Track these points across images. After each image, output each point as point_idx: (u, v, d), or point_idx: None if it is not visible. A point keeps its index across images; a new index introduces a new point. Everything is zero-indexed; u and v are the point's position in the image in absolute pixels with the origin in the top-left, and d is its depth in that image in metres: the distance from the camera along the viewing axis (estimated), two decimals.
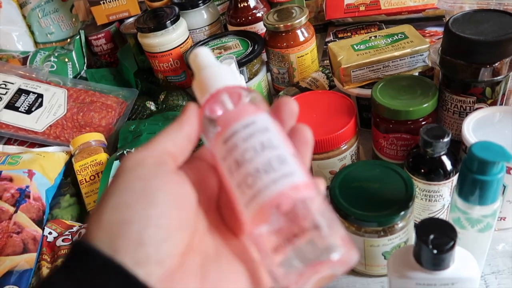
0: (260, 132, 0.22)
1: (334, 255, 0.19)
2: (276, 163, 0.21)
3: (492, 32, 0.43)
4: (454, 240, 0.30)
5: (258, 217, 0.21)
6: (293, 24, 0.65)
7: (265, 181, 0.21)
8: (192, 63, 0.25)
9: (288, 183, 0.21)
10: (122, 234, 0.19)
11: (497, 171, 0.32)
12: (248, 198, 0.21)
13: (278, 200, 0.20)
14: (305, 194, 0.21)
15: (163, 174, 0.21)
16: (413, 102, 0.48)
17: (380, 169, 0.43)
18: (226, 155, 0.22)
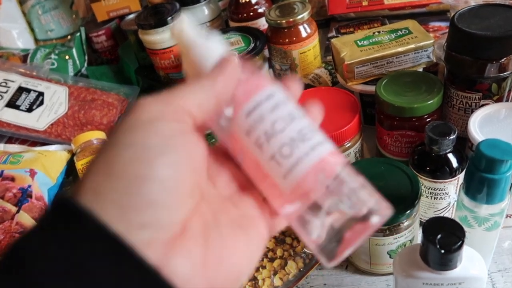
0: (283, 102, 0.22)
1: (375, 217, 0.20)
2: (309, 131, 0.21)
3: (499, 27, 0.42)
4: (462, 239, 0.30)
5: (300, 187, 0.20)
6: (296, 20, 0.65)
7: (303, 149, 0.20)
8: (178, 40, 0.24)
9: (326, 150, 0.21)
10: (134, 191, 0.17)
11: (505, 169, 0.32)
12: (287, 168, 0.20)
13: (321, 166, 0.20)
14: (341, 159, 0.21)
15: (183, 133, 0.19)
16: (418, 99, 0.47)
17: (385, 166, 0.43)
18: (251, 128, 0.21)
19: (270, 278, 0.43)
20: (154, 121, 0.19)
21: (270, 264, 0.43)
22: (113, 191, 0.17)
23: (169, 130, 0.19)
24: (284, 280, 0.43)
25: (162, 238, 0.17)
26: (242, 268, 0.20)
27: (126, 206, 0.17)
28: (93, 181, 0.17)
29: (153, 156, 0.18)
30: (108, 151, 0.18)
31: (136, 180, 0.17)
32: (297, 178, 0.20)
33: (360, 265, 0.45)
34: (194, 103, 0.20)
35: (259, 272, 0.43)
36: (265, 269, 0.43)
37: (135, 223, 0.17)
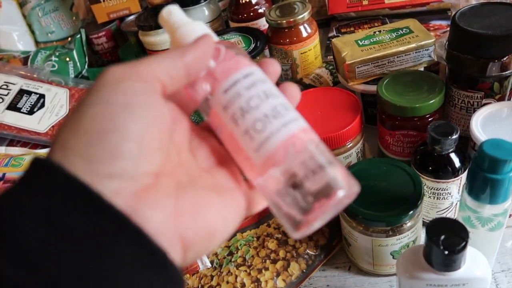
0: (260, 81, 0.23)
1: (340, 191, 0.21)
2: (282, 109, 0.22)
3: (500, 26, 0.42)
4: (466, 240, 0.30)
5: (270, 160, 0.21)
6: (296, 19, 0.65)
7: (275, 125, 0.22)
8: (166, 22, 0.25)
9: (297, 126, 0.22)
10: (99, 144, 0.18)
11: (508, 169, 0.32)
12: (259, 142, 0.22)
13: (291, 141, 0.22)
14: (312, 136, 0.23)
15: (148, 93, 0.20)
16: (420, 98, 0.47)
17: (387, 167, 0.43)
18: (228, 104, 0.22)
19: (273, 280, 0.42)
20: (119, 81, 0.19)
21: (272, 265, 0.43)
22: (79, 145, 0.18)
23: (133, 89, 0.19)
24: (287, 282, 0.43)
25: (130, 187, 0.18)
26: (215, 227, 0.21)
27: (92, 158, 0.18)
28: (61, 138, 0.18)
29: (116, 111, 0.19)
30: (76, 109, 0.19)
31: (100, 134, 0.18)
32: (268, 151, 0.22)
33: (363, 266, 0.44)
34: (161, 69, 0.21)
35: (261, 274, 0.43)
36: (267, 270, 0.43)
37: (101, 173, 0.18)
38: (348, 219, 0.41)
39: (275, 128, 0.22)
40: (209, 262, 0.45)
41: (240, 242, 0.46)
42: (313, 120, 0.52)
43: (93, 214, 0.17)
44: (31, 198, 0.17)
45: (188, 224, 0.20)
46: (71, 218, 0.17)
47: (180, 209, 0.20)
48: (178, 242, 0.19)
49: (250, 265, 0.44)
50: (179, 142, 0.23)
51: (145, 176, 0.19)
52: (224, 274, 0.44)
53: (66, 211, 0.17)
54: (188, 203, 0.20)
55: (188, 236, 0.20)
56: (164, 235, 0.18)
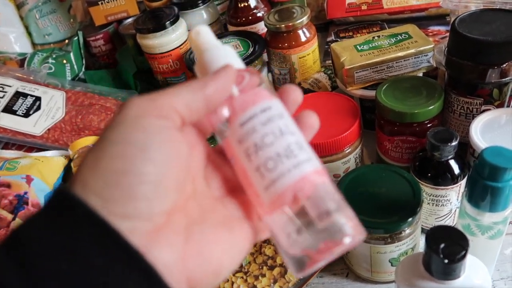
0: (277, 117, 0.23)
1: (347, 239, 0.20)
2: (296, 148, 0.22)
3: (500, 32, 0.42)
4: (466, 249, 0.30)
5: (278, 201, 0.21)
6: (295, 24, 0.64)
7: (286, 165, 0.21)
8: (193, 42, 0.25)
9: (309, 168, 0.22)
10: (116, 185, 0.18)
11: (509, 177, 0.31)
12: (269, 181, 0.21)
13: (301, 184, 0.21)
14: (323, 179, 0.22)
15: (167, 129, 0.20)
16: (419, 104, 0.47)
17: (386, 173, 0.42)
18: (243, 138, 0.22)
19: (269, 287, 0.42)
20: (139, 118, 0.20)
21: (269, 272, 0.43)
22: (97, 185, 0.18)
23: (152, 126, 0.20)
24: None
25: (143, 228, 0.19)
26: (223, 263, 0.21)
27: (108, 198, 0.18)
28: (82, 174, 0.19)
29: (135, 152, 0.19)
30: (97, 146, 0.19)
31: (117, 175, 0.18)
32: (277, 192, 0.21)
33: (361, 273, 0.44)
34: (181, 102, 0.21)
35: (258, 281, 0.42)
36: (264, 277, 0.42)
37: (117, 213, 0.18)
38: None
39: (286, 168, 0.21)
40: None
41: None
42: None
43: (111, 250, 0.18)
44: (51, 231, 0.18)
45: (196, 265, 0.20)
46: (89, 252, 0.17)
47: (188, 249, 0.20)
48: (185, 282, 0.20)
49: (246, 272, 0.43)
50: (195, 170, 0.23)
51: (159, 216, 0.19)
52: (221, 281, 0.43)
53: (85, 245, 0.17)
54: (195, 242, 0.21)
55: (195, 276, 0.20)
56: (172, 275, 0.19)
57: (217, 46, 0.24)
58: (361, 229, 0.21)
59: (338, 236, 0.20)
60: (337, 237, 0.20)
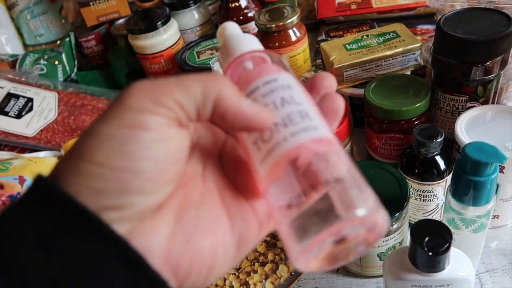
0: (281, 88, 0.21)
1: (358, 212, 0.17)
2: (297, 117, 0.20)
3: (484, 31, 0.43)
4: (449, 242, 0.31)
5: (273, 172, 0.19)
6: (285, 24, 0.65)
7: (283, 134, 0.19)
8: (220, 36, 0.25)
9: (309, 136, 0.19)
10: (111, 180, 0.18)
11: (490, 171, 0.32)
12: (264, 153, 0.19)
13: (296, 152, 0.19)
14: (328, 148, 0.20)
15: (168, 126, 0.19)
16: (406, 102, 0.48)
17: (374, 169, 0.43)
18: None
19: (261, 283, 0.43)
20: (141, 113, 0.18)
21: (261, 268, 0.44)
22: (90, 177, 0.17)
23: (155, 124, 0.18)
24: (276, 284, 0.43)
25: (131, 217, 0.18)
26: (215, 257, 0.20)
27: (101, 191, 0.17)
28: (74, 164, 0.18)
29: (134, 151, 0.18)
30: (93, 137, 0.18)
31: (114, 170, 0.18)
32: (270, 163, 0.19)
33: (350, 268, 0.45)
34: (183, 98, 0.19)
35: (250, 277, 0.43)
36: (256, 273, 0.43)
37: (107, 205, 0.17)
38: None
39: (281, 137, 0.19)
40: None
41: None
42: None
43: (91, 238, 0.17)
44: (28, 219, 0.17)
45: (181, 254, 0.19)
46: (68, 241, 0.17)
47: (176, 236, 0.19)
48: (170, 272, 0.18)
49: (238, 268, 0.44)
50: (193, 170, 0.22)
51: (150, 208, 0.19)
52: None
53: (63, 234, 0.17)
54: (186, 229, 0.19)
55: (182, 267, 0.19)
56: (153, 261, 0.18)
57: (240, 35, 0.25)
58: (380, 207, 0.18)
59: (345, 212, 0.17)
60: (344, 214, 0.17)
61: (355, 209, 0.17)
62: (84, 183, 0.17)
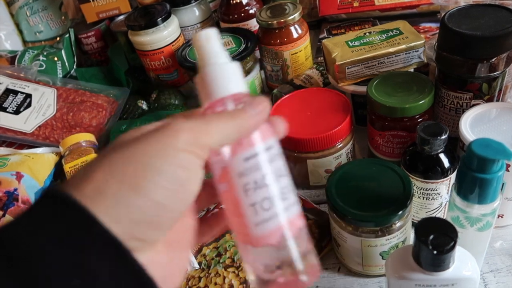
0: (278, 156, 0.24)
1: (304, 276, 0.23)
2: (288, 191, 0.24)
3: (489, 27, 0.42)
4: (455, 240, 0.30)
5: (267, 237, 0.23)
6: (287, 20, 0.64)
7: (280, 207, 0.23)
8: (201, 47, 0.24)
9: (296, 211, 0.24)
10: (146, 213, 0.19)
11: (497, 169, 0.31)
12: (262, 219, 0.23)
13: (289, 225, 0.23)
14: (303, 221, 0.24)
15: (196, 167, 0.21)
16: (409, 99, 0.47)
17: (377, 167, 0.43)
18: (245, 173, 0.23)
19: None
20: (181, 151, 0.20)
21: None
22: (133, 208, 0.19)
23: (192, 164, 0.20)
24: None
25: (147, 248, 0.20)
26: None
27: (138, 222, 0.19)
28: (100, 180, 0.19)
29: (173, 188, 0.20)
30: (132, 163, 0.19)
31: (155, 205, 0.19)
32: (267, 230, 0.23)
33: (352, 267, 0.44)
34: (218, 142, 0.22)
35: None
36: None
37: (137, 236, 0.19)
38: (338, 219, 0.40)
39: (279, 210, 0.23)
40: (197, 263, 0.45)
41: (228, 243, 0.46)
42: (303, 121, 0.52)
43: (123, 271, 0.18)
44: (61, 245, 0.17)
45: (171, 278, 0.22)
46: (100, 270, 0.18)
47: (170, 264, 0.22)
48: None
49: (238, 266, 0.43)
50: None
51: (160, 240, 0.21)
52: (212, 276, 0.43)
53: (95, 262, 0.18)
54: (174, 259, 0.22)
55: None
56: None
57: (225, 61, 0.24)
58: (318, 272, 0.24)
59: (304, 273, 0.23)
60: (303, 275, 0.23)
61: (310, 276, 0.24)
62: (125, 213, 0.18)
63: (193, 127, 0.21)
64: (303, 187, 0.55)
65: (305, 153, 0.51)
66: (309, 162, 0.52)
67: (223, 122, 0.22)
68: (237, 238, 0.25)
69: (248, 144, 0.23)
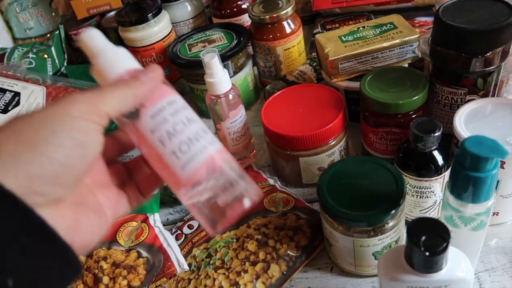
0: (182, 108, 0.27)
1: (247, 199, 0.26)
2: (202, 133, 0.27)
3: (484, 20, 0.41)
4: (447, 241, 0.29)
5: (194, 176, 0.26)
6: (279, 15, 0.63)
7: (197, 147, 0.26)
8: (84, 47, 0.26)
9: (215, 148, 0.27)
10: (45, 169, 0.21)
11: (491, 167, 0.30)
12: (185, 161, 0.26)
13: (210, 161, 0.26)
14: (226, 155, 0.27)
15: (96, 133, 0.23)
16: (403, 95, 0.46)
17: (370, 165, 0.42)
18: (156, 128, 0.26)
19: (252, 283, 0.41)
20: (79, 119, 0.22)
21: (252, 268, 0.42)
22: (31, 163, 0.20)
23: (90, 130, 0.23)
24: (267, 284, 0.41)
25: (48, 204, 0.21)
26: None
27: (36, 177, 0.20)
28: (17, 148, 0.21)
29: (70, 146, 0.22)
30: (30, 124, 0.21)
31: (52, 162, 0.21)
32: (192, 170, 0.26)
33: (345, 267, 0.43)
34: (116, 108, 0.24)
35: (240, 277, 0.41)
36: (247, 273, 0.41)
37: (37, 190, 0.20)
38: (329, 219, 0.39)
39: (198, 149, 0.26)
40: (187, 265, 0.44)
41: (219, 244, 0.45)
42: (295, 118, 0.51)
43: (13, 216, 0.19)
44: None
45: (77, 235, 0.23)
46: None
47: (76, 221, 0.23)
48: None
49: (229, 268, 0.42)
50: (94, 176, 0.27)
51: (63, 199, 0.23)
52: (202, 278, 0.42)
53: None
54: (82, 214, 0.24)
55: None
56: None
57: (111, 49, 0.26)
58: (258, 191, 0.27)
59: (241, 199, 0.26)
60: (240, 200, 0.26)
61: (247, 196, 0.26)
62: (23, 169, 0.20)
63: (89, 98, 0.23)
64: (295, 185, 0.54)
65: (297, 151, 0.50)
66: (302, 160, 0.51)
67: (119, 90, 0.24)
68: (173, 189, 0.27)
69: (151, 104, 0.26)
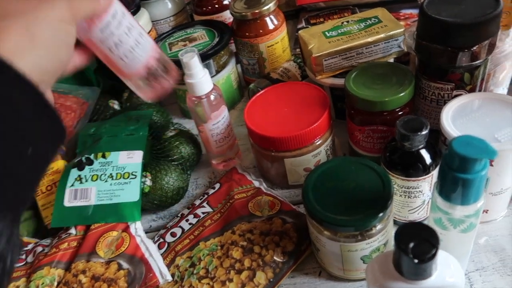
0: (123, 17, 0.34)
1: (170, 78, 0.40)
2: (140, 38, 0.36)
3: (469, 13, 0.40)
4: (437, 247, 0.28)
5: (138, 71, 0.37)
6: (261, 11, 0.61)
7: (138, 52, 0.36)
8: None
9: (151, 48, 0.37)
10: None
11: (479, 168, 0.29)
12: (130, 64, 0.36)
13: (149, 60, 0.37)
14: (158, 51, 0.39)
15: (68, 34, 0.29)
16: (389, 92, 0.45)
17: (356, 166, 0.40)
18: (105, 40, 0.34)
19: None
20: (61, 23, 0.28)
21: (237, 276, 0.40)
22: None
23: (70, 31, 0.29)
24: None
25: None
26: None
27: None
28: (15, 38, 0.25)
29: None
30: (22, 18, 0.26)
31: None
32: (136, 68, 0.37)
33: (333, 272, 0.42)
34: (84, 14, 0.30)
35: (225, 286, 0.40)
36: (232, 282, 0.40)
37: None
38: (315, 224, 0.38)
39: (139, 54, 0.36)
40: (170, 275, 0.42)
41: (203, 251, 0.43)
42: (280, 117, 0.49)
43: None
44: None
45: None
46: None
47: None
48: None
49: (213, 277, 0.41)
50: None
51: None
52: None
53: None
54: None
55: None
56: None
57: None
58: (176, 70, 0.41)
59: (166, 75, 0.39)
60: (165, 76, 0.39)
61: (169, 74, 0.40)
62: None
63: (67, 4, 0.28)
64: (281, 186, 0.53)
65: (282, 152, 0.49)
66: (287, 161, 0.49)
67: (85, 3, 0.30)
68: (120, 75, 0.38)
69: (98, 20, 0.32)
